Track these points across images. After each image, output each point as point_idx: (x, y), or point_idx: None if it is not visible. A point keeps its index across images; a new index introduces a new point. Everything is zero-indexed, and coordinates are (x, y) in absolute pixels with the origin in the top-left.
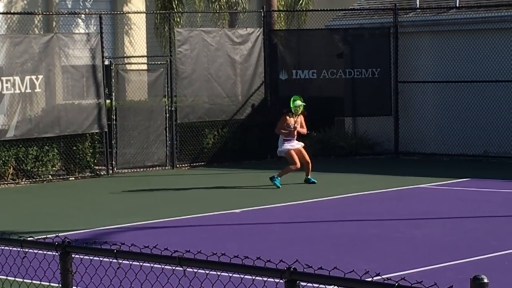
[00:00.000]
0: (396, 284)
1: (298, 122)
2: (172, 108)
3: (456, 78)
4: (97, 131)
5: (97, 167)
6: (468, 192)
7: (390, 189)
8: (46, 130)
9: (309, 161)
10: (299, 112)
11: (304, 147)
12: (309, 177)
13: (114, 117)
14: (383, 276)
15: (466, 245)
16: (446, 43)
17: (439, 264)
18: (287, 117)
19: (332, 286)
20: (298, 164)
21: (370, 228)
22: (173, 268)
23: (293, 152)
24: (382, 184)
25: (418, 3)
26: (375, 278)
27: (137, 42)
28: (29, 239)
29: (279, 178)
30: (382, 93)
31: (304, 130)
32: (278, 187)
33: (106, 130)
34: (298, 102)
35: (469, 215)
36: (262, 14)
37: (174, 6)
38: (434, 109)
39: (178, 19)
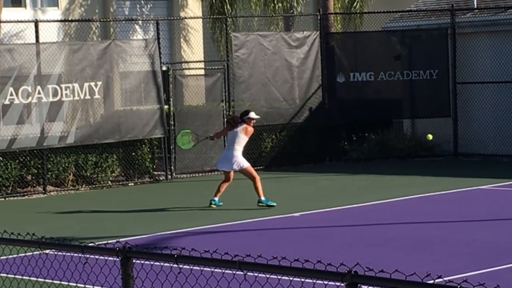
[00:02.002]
0: (458, 286)
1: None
2: (230, 113)
3: None
4: (159, 136)
5: (156, 173)
6: None
7: (450, 191)
8: (106, 136)
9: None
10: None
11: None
12: (217, 199)
13: (172, 122)
14: (445, 279)
15: None
16: (504, 43)
17: (501, 266)
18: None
19: None
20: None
21: (431, 230)
22: (234, 272)
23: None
24: (442, 186)
25: (475, 3)
26: (437, 281)
27: (194, 47)
28: (90, 245)
29: (263, 198)
30: (440, 95)
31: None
32: (272, 205)
33: (167, 135)
34: (253, 115)
35: None
36: (319, 17)
37: (226, 11)
38: (493, 109)
39: (232, 24)
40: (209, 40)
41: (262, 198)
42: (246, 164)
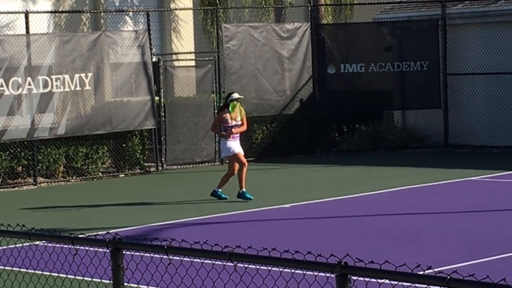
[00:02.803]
0: (448, 277)
1: (238, 118)
2: (221, 104)
3: (505, 70)
4: (150, 127)
5: (146, 164)
6: None
7: (441, 182)
8: (97, 128)
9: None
10: (236, 107)
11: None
12: (244, 190)
13: (163, 114)
14: (435, 270)
15: None
16: (494, 35)
17: (491, 257)
18: (222, 113)
19: (384, 280)
20: (235, 172)
21: (421, 222)
22: (224, 263)
23: (238, 157)
24: (432, 177)
25: None
26: (426, 272)
27: (184, 39)
28: (80, 236)
29: (220, 190)
30: (431, 86)
31: (244, 128)
32: (225, 198)
33: (158, 126)
34: (235, 95)
35: None
36: (310, 9)
37: (218, 2)
38: (483, 101)
39: (222, 16)
40: (199, 31)
41: (219, 190)
42: (230, 153)
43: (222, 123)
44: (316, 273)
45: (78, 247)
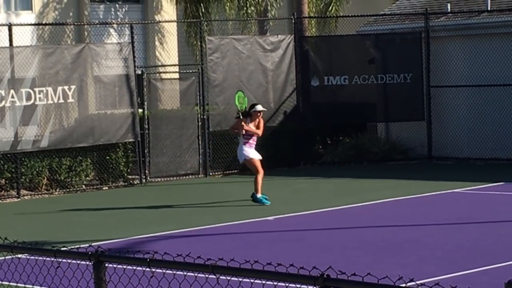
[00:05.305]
0: None
1: (253, 123)
2: (204, 116)
3: (489, 82)
4: (131, 140)
5: (130, 176)
6: (502, 196)
7: (424, 194)
8: (80, 140)
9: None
10: (243, 110)
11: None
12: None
13: (147, 126)
14: (417, 282)
15: (501, 250)
16: (478, 47)
17: (474, 269)
18: (243, 121)
19: None
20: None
21: (404, 234)
22: (207, 276)
23: (256, 160)
24: (416, 190)
25: (449, 7)
26: (409, 284)
27: (168, 51)
28: (62, 249)
29: (260, 195)
30: (415, 98)
31: (259, 132)
32: (265, 203)
33: (139, 139)
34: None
35: (504, 219)
36: (293, 21)
37: (201, 15)
38: (467, 113)
39: (206, 28)
40: (183, 43)
41: (258, 194)
42: (249, 156)
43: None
44: (298, 286)
45: (60, 260)
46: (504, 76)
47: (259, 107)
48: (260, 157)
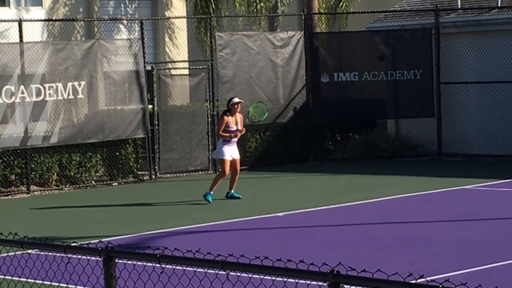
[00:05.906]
0: (440, 286)
1: (238, 122)
2: (214, 113)
3: (499, 79)
4: (141, 136)
5: (140, 172)
6: None
7: (434, 191)
8: (89, 136)
9: (238, 172)
10: (254, 120)
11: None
12: (232, 191)
13: (156, 122)
14: (427, 278)
15: (511, 247)
16: (488, 43)
17: (484, 265)
18: (225, 117)
19: None
20: (227, 174)
21: (414, 230)
22: (216, 272)
23: (227, 160)
24: (425, 186)
25: (459, 3)
26: (419, 280)
27: (178, 47)
28: (72, 244)
29: (211, 193)
30: (424, 95)
31: (244, 130)
32: (209, 202)
33: (149, 135)
34: (236, 99)
35: None
36: (303, 17)
37: (211, 11)
38: (477, 109)
39: (216, 24)
40: (193, 39)
41: (210, 192)
42: (223, 157)
43: (225, 128)
44: (308, 282)
45: (70, 255)
46: None
47: (236, 99)
48: (238, 157)
